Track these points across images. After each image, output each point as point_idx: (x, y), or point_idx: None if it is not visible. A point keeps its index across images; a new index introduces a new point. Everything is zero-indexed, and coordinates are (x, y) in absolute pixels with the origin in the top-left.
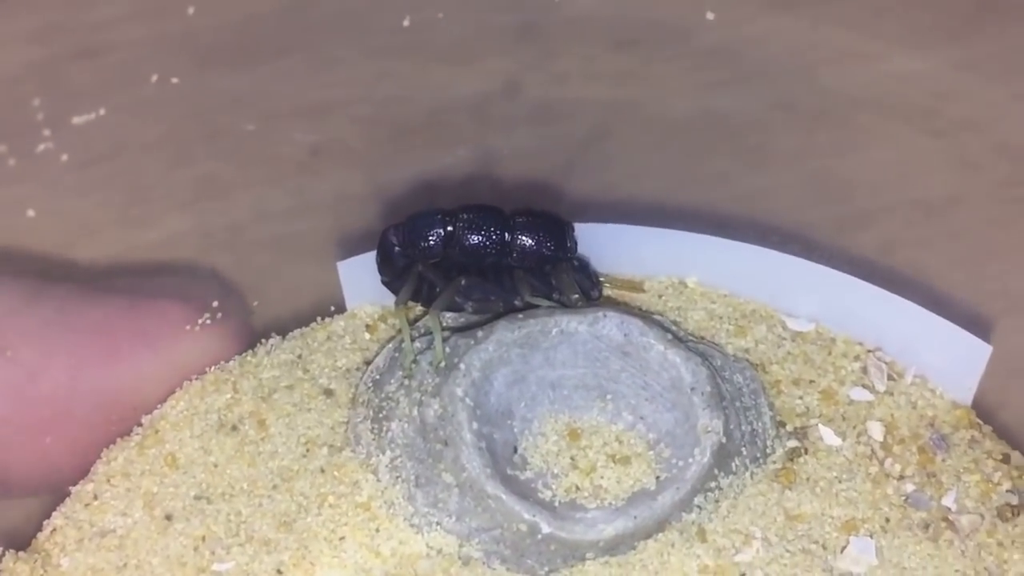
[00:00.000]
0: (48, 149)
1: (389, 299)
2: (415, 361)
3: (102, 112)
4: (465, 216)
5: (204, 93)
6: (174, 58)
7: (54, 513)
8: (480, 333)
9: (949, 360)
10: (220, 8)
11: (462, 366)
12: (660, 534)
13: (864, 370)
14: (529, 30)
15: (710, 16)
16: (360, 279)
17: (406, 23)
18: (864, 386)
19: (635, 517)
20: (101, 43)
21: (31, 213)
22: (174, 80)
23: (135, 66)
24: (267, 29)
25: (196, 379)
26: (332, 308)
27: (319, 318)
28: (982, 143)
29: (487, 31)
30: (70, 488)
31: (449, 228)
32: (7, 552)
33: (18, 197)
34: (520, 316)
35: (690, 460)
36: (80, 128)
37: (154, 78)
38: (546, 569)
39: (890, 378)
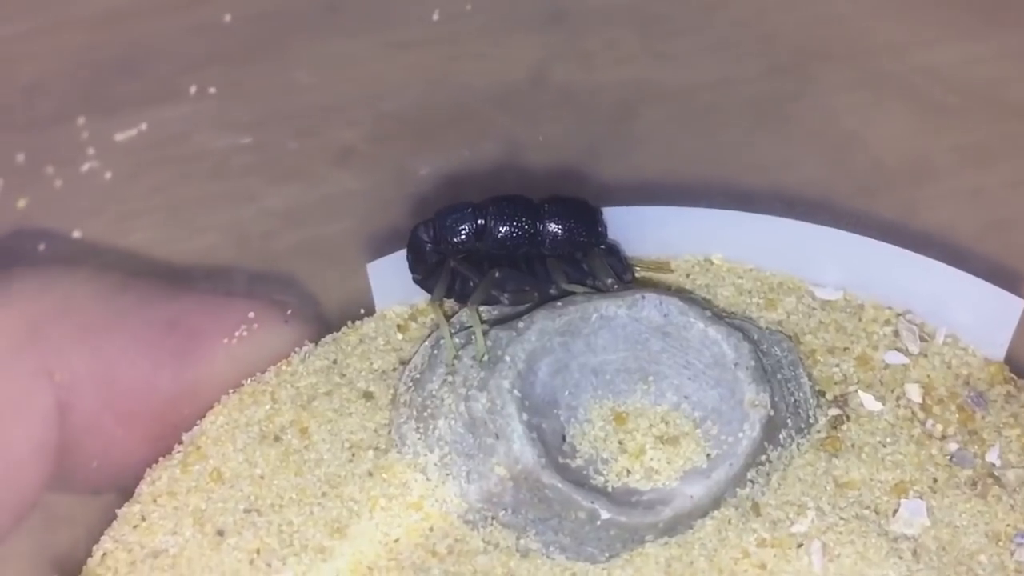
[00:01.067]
0: (93, 168)
1: (418, 298)
2: (457, 356)
3: (144, 127)
4: (494, 208)
5: (237, 100)
6: (209, 66)
7: (103, 537)
8: (521, 324)
9: (980, 317)
10: (251, 8)
11: (507, 358)
12: (716, 511)
13: (896, 333)
14: (556, 17)
15: None
16: (389, 280)
17: (435, 17)
18: (898, 349)
19: (691, 496)
20: (139, 55)
21: (77, 234)
22: (211, 90)
23: (172, 79)
24: (297, 26)
25: (233, 392)
26: (361, 311)
27: (349, 322)
28: (1005, 106)
29: (514, 20)
30: (116, 511)
31: (480, 221)
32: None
33: (63, 216)
34: (559, 304)
35: (740, 435)
36: (122, 145)
37: (192, 89)
38: (606, 555)
39: (922, 339)
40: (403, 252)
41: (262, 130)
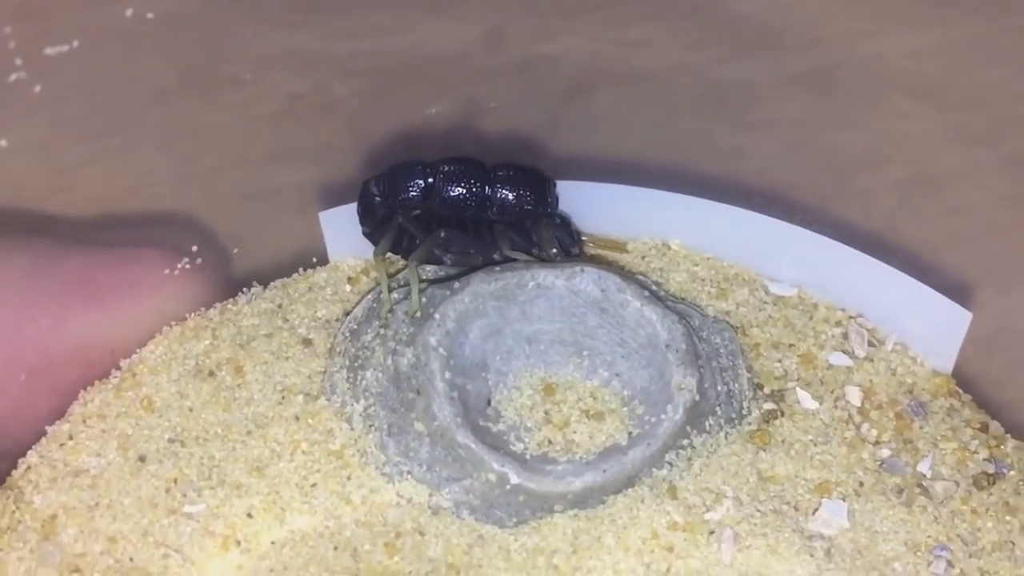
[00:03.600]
0: (20, 79)
1: (371, 252)
2: (391, 311)
3: (75, 44)
4: (446, 168)
5: (180, 32)
6: None
7: (29, 452)
8: (456, 284)
9: (930, 327)
10: None
11: (437, 316)
12: (630, 489)
13: (845, 336)
14: None
15: None
16: (343, 230)
17: None
18: (844, 351)
19: (604, 471)
20: None
21: (3, 143)
22: (149, 15)
23: None
24: None
25: (176, 325)
26: (314, 259)
27: (301, 269)
28: (988, 119)
29: None
30: (46, 428)
31: (430, 180)
32: None
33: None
34: (497, 269)
35: (662, 417)
36: (54, 60)
37: (129, 12)
38: (514, 520)
39: (871, 344)
40: (354, 203)
41: (213, 66)
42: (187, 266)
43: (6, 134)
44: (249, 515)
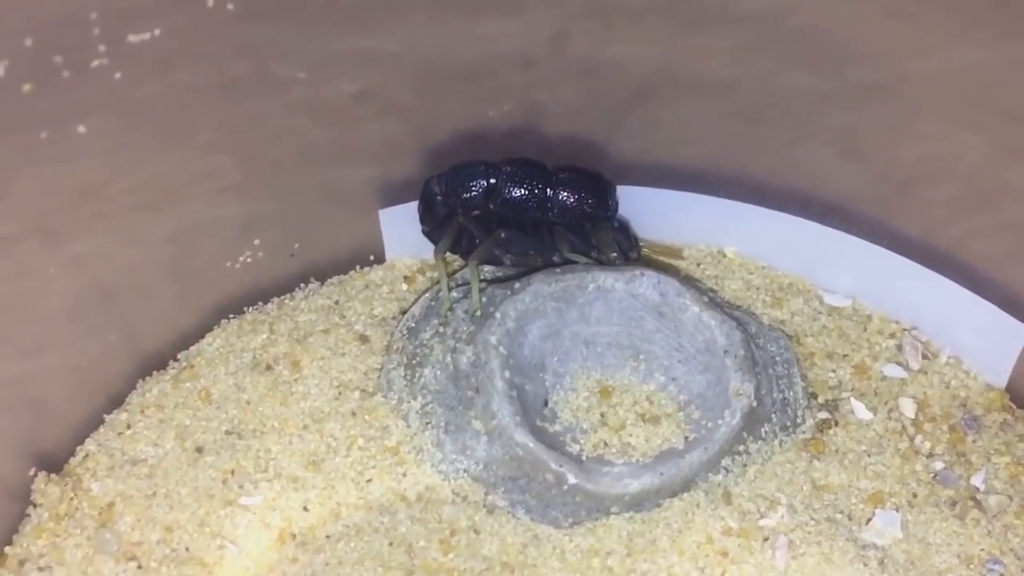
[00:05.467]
0: (103, 65)
1: (429, 252)
2: (451, 309)
3: (156, 33)
4: (508, 169)
5: (254, 27)
6: None
7: (87, 440)
8: (517, 284)
9: (985, 341)
10: None
11: (497, 315)
12: (686, 493)
13: (899, 347)
14: None
15: None
16: (401, 229)
17: None
18: (898, 363)
19: (661, 474)
20: None
21: (81, 129)
22: (229, 7)
23: None
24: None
25: (233, 318)
26: (371, 257)
27: (358, 266)
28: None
29: None
30: (104, 416)
31: (492, 180)
32: (39, 473)
33: (71, 109)
34: (558, 271)
35: (720, 422)
36: (135, 46)
37: (210, 3)
38: (570, 521)
39: (925, 357)
40: (416, 203)
41: (282, 62)
42: (248, 260)
43: (85, 119)
44: (305, 508)
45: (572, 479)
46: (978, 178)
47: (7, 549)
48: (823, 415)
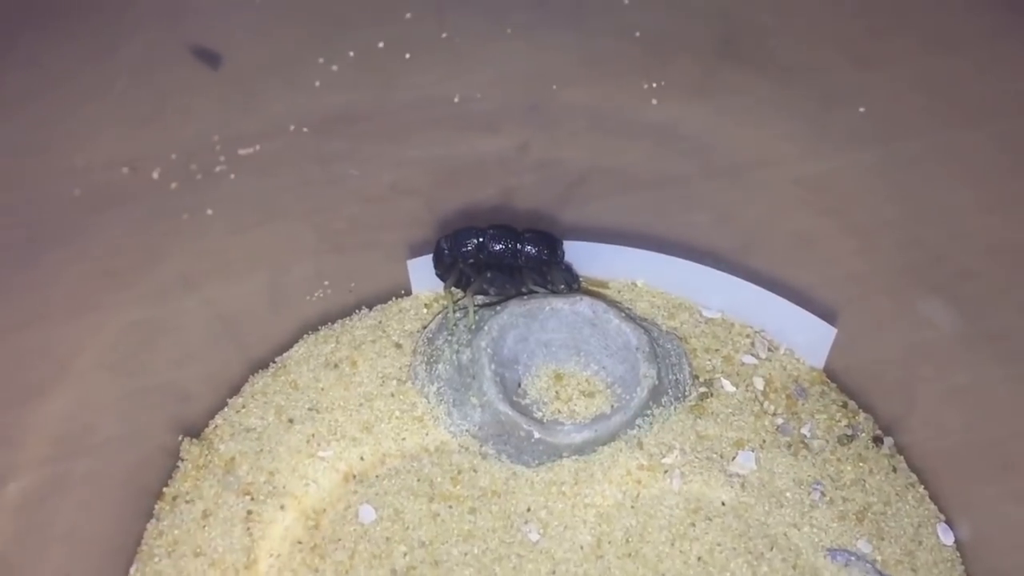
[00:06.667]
0: (223, 170)
1: (440, 287)
2: (456, 324)
3: (257, 148)
4: (491, 231)
5: (322, 142)
6: (308, 118)
7: (216, 416)
8: (498, 308)
9: (809, 339)
10: (339, 91)
11: (486, 328)
12: (612, 443)
13: (752, 344)
14: (535, 109)
15: (654, 102)
16: (422, 273)
17: (456, 99)
18: (752, 354)
19: (596, 430)
20: (259, 101)
21: (209, 212)
22: (305, 130)
23: (283, 120)
24: (364, 108)
25: (311, 334)
26: (403, 291)
27: (394, 298)
28: (831, 199)
29: (508, 108)
30: (227, 400)
31: (480, 239)
32: (185, 439)
33: (202, 199)
34: (525, 298)
35: (634, 395)
36: (244, 157)
37: (292, 127)
38: (536, 462)
39: (770, 350)
40: (431, 255)
41: (340, 165)
42: (320, 295)
43: (212, 206)
44: (361, 459)
45: (537, 434)
46: (800, 230)
47: (164, 489)
48: (703, 389)
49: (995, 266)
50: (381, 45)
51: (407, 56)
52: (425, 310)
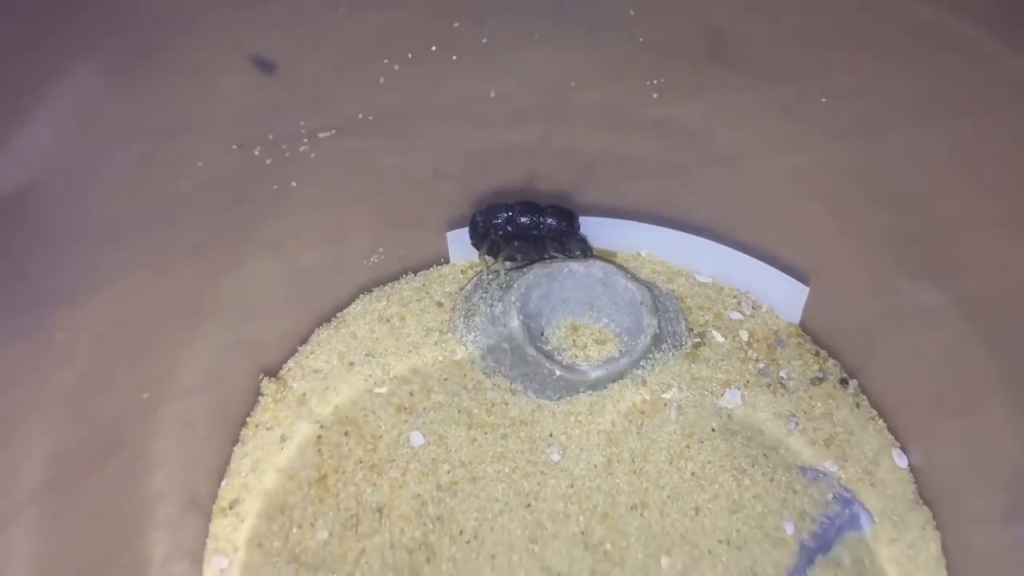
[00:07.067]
0: (305, 150)
1: (475, 255)
2: (489, 284)
3: (333, 132)
4: (519, 207)
5: (376, 139)
6: (373, 109)
7: (290, 360)
8: (525, 270)
9: (786, 298)
10: (399, 87)
11: (515, 286)
12: (620, 380)
13: (739, 303)
14: (556, 105)
15: (655, 96)
16: (460, 243)
17: (492, 94)
18: (738, 311)
19: (607, 370)
20: (337, 94)
21: (294, 184)
22: (370, 118)
23: (354, 110)
24: (417, 102)
25: (366, 294)
26: (443, 259)
27: (435, 264)
28: (809, 183)
29: (533, 104)
30: (297, 347)
31: (509, 214)
32: (264, 378)
33: (289, 173)
34: (547, 262)
35: (638, 342)
36: (323, 139)
37: (359, 115)
38: (557, 396)
39: (753, 308)
40: (467, 228)
41: (392, 156)
42: (375, 261)
43: (296, 179)
44: (411, 394)
45: (558, 373)
46: (783, 212)
47: (248, 419)
48: (696, 340)
49: (954, 242)
50: (433, 49)
51: (454, 58)
52: (461, 275)
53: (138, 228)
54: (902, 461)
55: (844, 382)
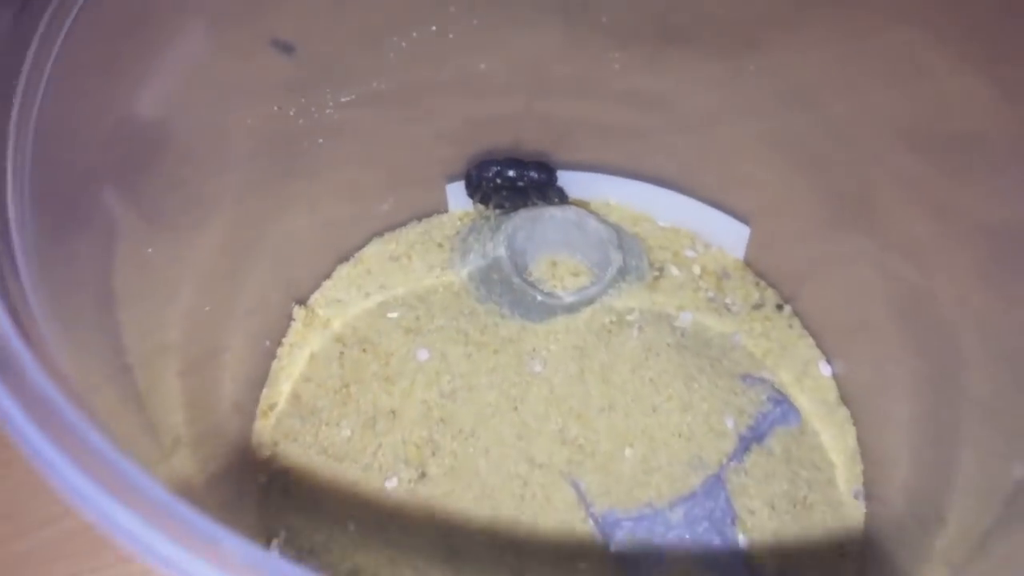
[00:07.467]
0: (330, 112)
1: (469, 205)
2: (482, 227)
3: (353, 98)
4: (506, 163)
5: (394, 102)
6: (385, 80)
7: (316, 292)
8: (512, 215)
9: (732, 239)
10: (406, 62)
11: (502, 228)
12: (592, 305)
13: (693, 243)
14: (536, 78)
15: (616, 67)
16: (457, 194)
17: (482, 67)
18: (692, 250)
19: (580, 297)
20: (355, 65)
21: (320, 141)
22: (383, 87)
23: (370, 79)
24: (421, 75)
25: (378, 237)
26: (442, 208)
27: (436, 213)
28: (756, 145)
29: (517, 78)
30: (322, 283)
31: (498, 168)
32: (295, 305)
33: (315, 131)
34: (530, 209)
35: (605, 274)
36: (344, 104)
37: (374, 84)
38: (539, 319)
39: (705, 247)
40: (463, 181)
41: (403, 116)
42: (387, 209)
43: (322, 136)
44: (417, 319)
45: (540, 299)
46: (731, 167)
47: (283, 339)
48: (656, 273)
49: (871, 198)
50: (433, 29)
51: (450, 36)
52: (459, 221)
53: (206, 175)
54: (826, 371)
55: (779, 307)
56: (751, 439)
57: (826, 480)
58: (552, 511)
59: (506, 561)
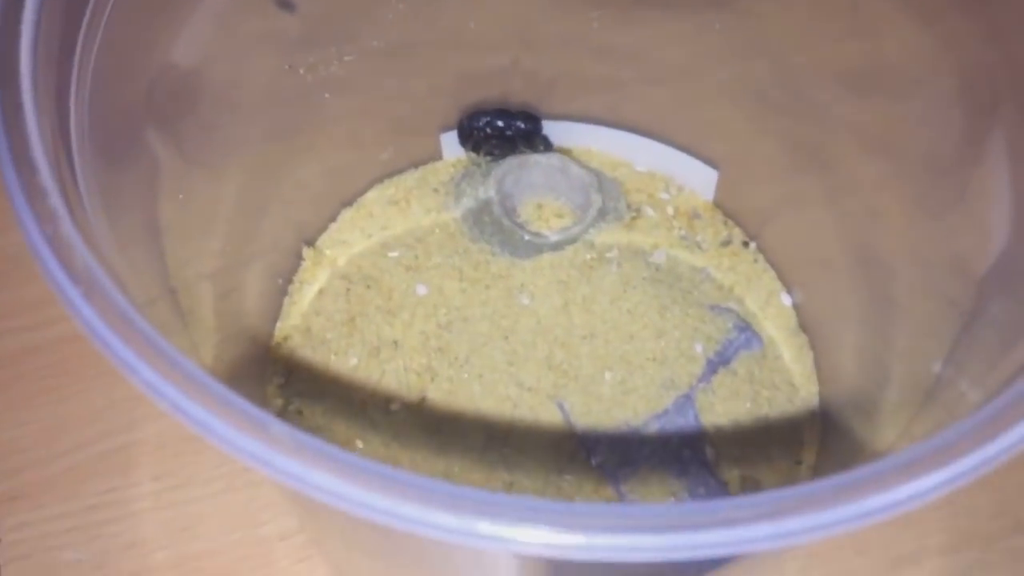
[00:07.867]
0: (335, 69)
1: (462, 153)
2: (474, 173)
3: (355, 56)
4: (495, 113)
5: (392, 60)
6: (384, 40)
7: (323, 233)
8: (501, 162)
9: (703, 182)
10: (403, 23)
11: (493, 174)
12: (574, 244)
13: (667, 186)
14: (523, 36)
15: (595, 25)
16: (451, 142)
17: (472, 25)
18: (666, 192)
19: (564, 236)
20: (358, 27)
21: (326, 95)
22: (383, 46)
23: (370, 39)
24: (417, 34)
25: (379, 183)
26: (438, 156)
27: (431, 160)
28: (727, 96)
29: (505, 35)
30: (329, 225)
31: (488, 119)
32: (304, 247)
33: (327, 90)
34: (518, 155)
35: (587, 214)
36: (347, 62)
37: (374, 44)
38: (527, 256)
39: (678, 189)
40: (456, 130)
41: (401, 72)
42: (386, 158)
43: (328, 91)
44: (416, 257)
45: (527, 238)
46: (704, 114)
47: (293, 278)
48: (633, 214)
49: (832, 146)
50: None
51: None
52: (452, 168)
53: (229, 125)
54: (787, 301)
55: (745, 244)
56: (718, 363)
57: (785, 399)
58: (540, 429)
59: (498, 475)
